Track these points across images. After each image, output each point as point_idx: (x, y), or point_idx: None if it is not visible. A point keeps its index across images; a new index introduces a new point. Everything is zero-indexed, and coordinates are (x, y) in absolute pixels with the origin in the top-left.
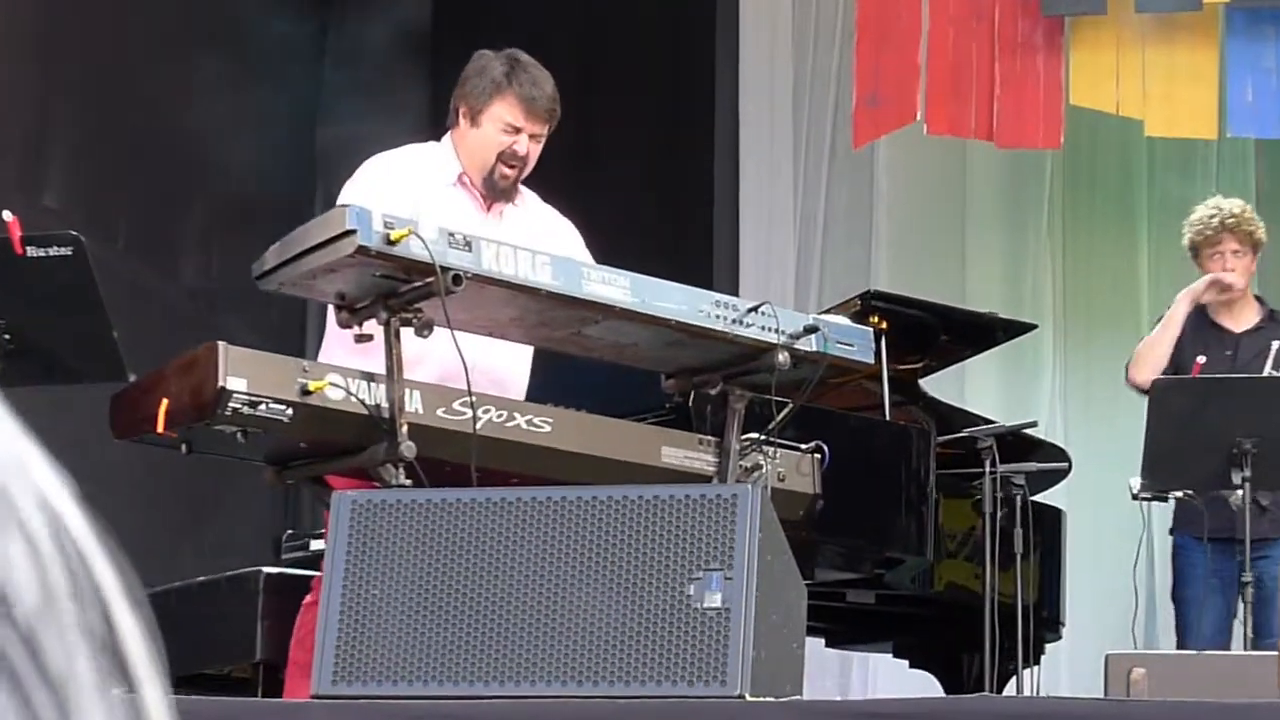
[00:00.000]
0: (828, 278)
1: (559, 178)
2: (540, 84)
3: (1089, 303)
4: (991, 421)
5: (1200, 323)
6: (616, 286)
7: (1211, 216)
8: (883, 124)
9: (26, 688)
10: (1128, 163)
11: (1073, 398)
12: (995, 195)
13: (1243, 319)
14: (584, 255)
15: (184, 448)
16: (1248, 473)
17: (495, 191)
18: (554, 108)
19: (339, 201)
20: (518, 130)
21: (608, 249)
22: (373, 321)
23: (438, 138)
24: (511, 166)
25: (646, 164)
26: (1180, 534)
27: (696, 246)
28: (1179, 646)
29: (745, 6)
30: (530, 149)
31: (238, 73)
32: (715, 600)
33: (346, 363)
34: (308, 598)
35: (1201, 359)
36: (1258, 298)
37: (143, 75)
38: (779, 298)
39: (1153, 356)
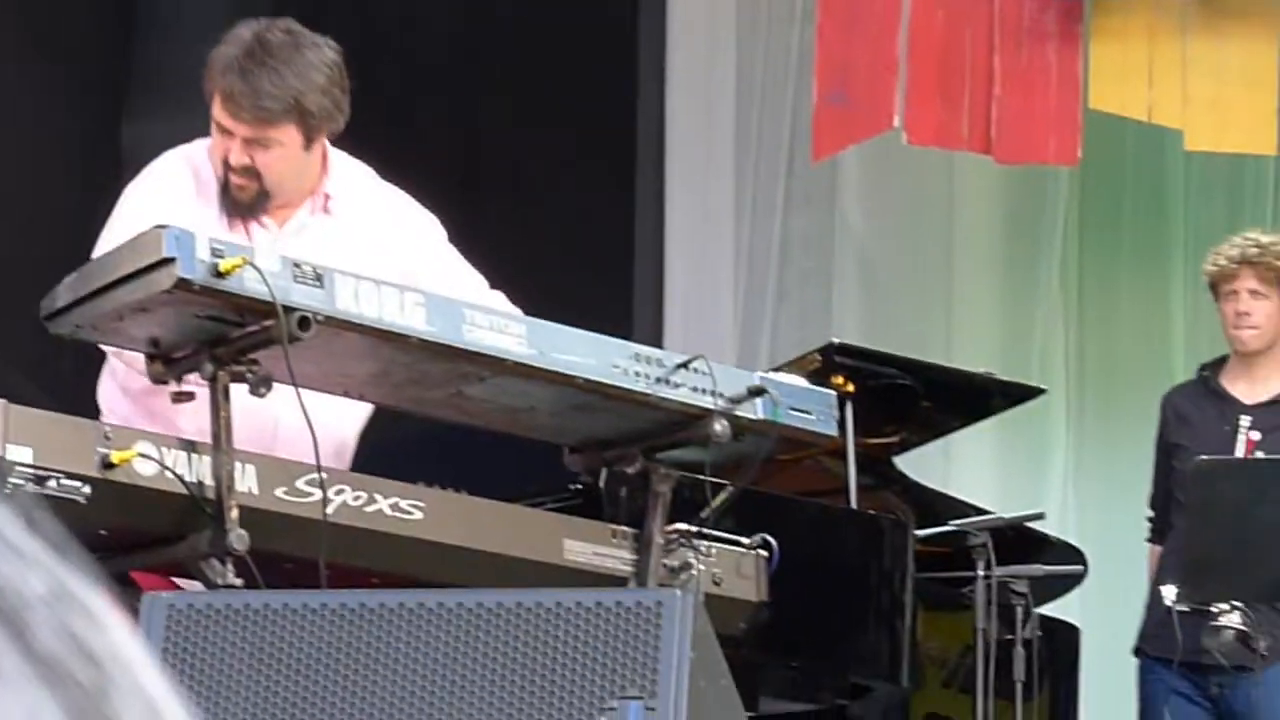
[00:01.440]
0: (780, 327)
1: (433, 203)
2: (255, 74)
3: (1111, 361)
4: (987, 512)
5: (1202, 391)
6: (509, 335)
7: (1233, 248)
8: (851, 131)
9: None
10: (1161, 184)
11: (1090, 482)
12: (993, 224)
13: (1261, 386)
14: (451, 265)
15: None
16: None
17: (234, 207)
18: (274, 108)
19: (105, 232)
20: (228, 133)
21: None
22: (195, 376)
23: None
24: (243, 177)
25: (544, 182)
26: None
27: (610, 286)
28: None
29: None
30: (258, 157)
31: (17, 52)
32: None
33: (129, 423)
34: None
35: (1255, 434)
36: None
37: None
38: (716, 351)
39: None
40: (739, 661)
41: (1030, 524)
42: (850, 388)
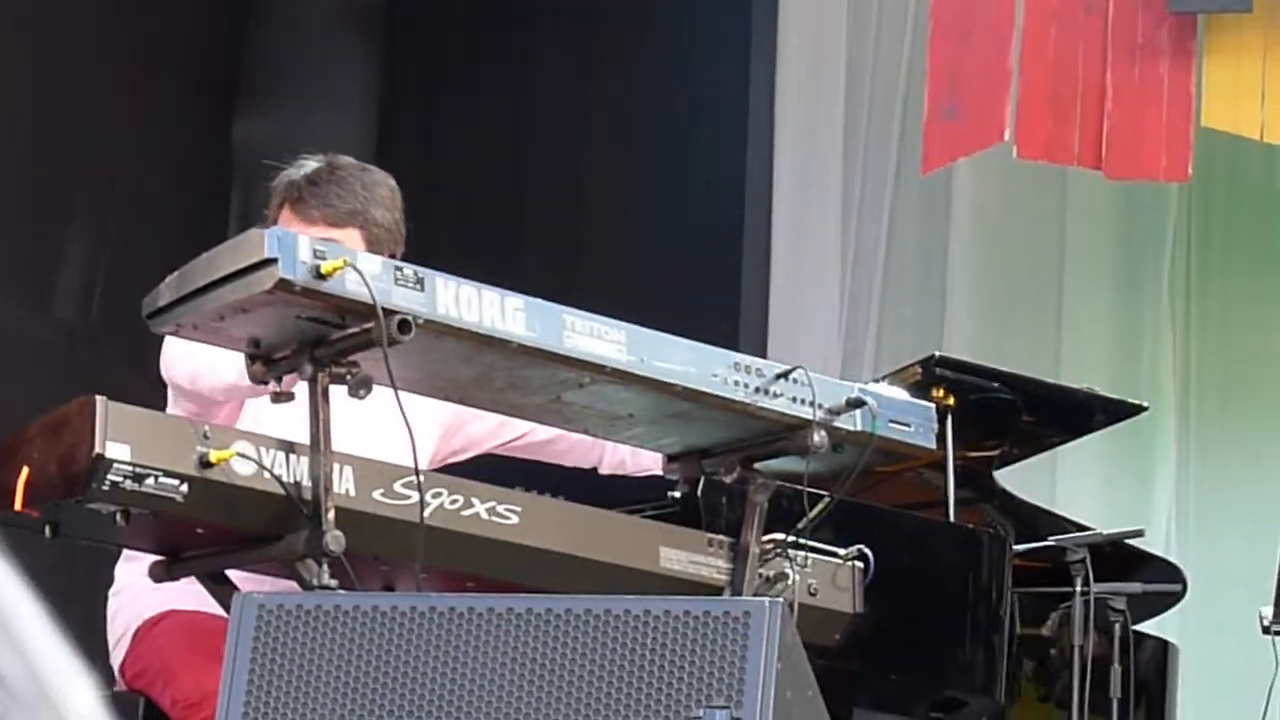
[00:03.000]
0: (885, 338)
1: (536, 210)
2: (323, 184)
3: (1221, 378)
4: (1087, 528)
5: None
6: (608, 341)
7: None
8: (961, 143)
9: None
10: (1273, 201)
11: (1196, 501)
12: (1103, 239)
13: None
14: None
15: (48, 530)
16: None
17: None
18: (341, 208)
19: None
20: None
21: (598, 300)
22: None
23: (386, 131)
24: None
25: (647, 188)
26: None
27: (714, 295)
28: None
29: None
30: None
31: (127, 52)
32: None
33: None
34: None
35: None
36: None
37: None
38: (820, 362)
39: None
40: (831, 674)
41: (1128, 541)
42: (951, 401)
